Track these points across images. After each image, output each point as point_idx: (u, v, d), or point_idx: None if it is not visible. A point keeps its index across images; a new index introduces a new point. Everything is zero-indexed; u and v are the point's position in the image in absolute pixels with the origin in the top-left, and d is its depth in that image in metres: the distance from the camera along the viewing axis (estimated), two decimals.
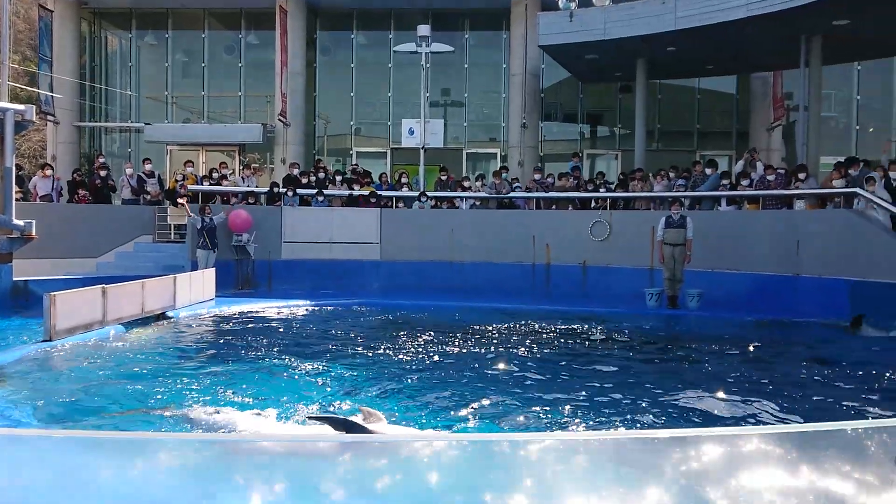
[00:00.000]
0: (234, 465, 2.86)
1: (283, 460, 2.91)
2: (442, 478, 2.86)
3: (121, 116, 25.05)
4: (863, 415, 6.91)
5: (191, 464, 2.90)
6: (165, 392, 7.53)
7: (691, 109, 23.55)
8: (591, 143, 24.41)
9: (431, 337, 11.07)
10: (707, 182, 16.56)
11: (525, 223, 17.33)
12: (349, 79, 24.44)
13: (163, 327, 11.95)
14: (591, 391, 7.74)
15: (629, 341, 11.44)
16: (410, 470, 2.89)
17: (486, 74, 24.29)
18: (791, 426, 3.13)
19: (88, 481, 2.96)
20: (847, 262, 13.52)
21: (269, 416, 6.31)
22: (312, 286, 16.64)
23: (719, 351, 10.57)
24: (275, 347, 10.22)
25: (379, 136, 24.51)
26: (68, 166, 22.35)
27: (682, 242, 14.56)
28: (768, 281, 14.76)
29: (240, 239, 16.96)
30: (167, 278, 13.13)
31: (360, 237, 17.49)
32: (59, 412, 6.79)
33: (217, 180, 18.46)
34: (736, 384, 8.16)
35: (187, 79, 25.08)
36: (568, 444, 3.32)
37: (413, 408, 7.06)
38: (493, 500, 2.70)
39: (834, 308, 13.20)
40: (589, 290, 16.48)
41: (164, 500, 2.71)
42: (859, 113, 22.64)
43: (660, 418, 6.68)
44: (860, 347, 11.03)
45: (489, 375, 8.61)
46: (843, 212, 14.09)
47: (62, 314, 9.65)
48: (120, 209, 18.82)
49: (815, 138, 17.28)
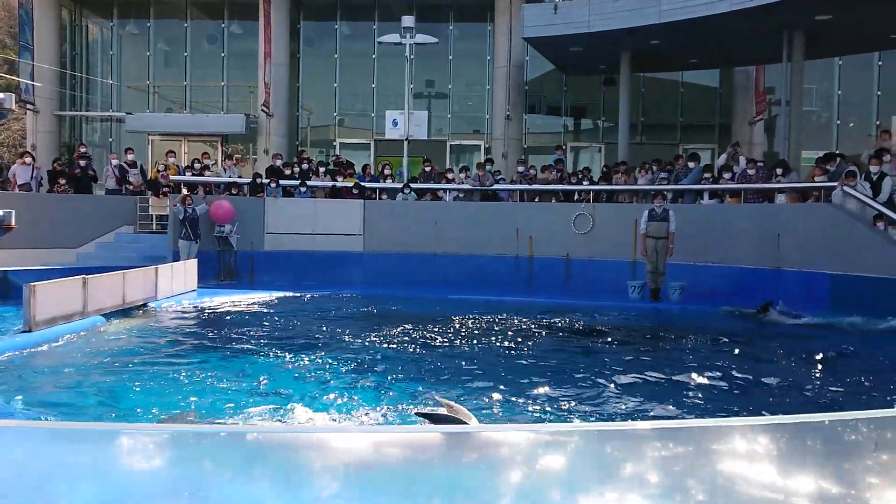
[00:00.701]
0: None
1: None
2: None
3: (102, 106, 24.81)
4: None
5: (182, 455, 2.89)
6: (150, 384, 7.50)
7: (674, 103, 23.64)
8: (574, 135, 24.45)
9: (414, 328, 11.07)
10: (689, 175, 16.64)
11: (508, 215, 17.35)
12: (333, 70, 24.33)
13: (144, 318, 11.88)
14: (570, 382, 7.77)
15: (610, 333, 11.49)
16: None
17: (471, 66, 24.27)
18: (771, 418, 3.15)
19: (67, 472, 2.94)
20: (827, 256, 13.64)
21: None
22: (295, 278, 16.59)
23: (696, 343, 10.64)
24: (261, 339, 10.19)
25: (362, 128, 24.44)
26: (48, 156, 22.14)
27: (664, 235, 14.63)
28: (750, 274, 14.87)
29: (222, 230, 16.86)
30: (149, 269, 13.06)
31: (343, 229, 17.44)
32: (38, 403, 6.74)
33: (199, 171, 18.35)
34: (707, 374, 8.23)
35: (169, 68, 24.88)
36: (546, 436, 3.33)
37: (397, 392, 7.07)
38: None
39: (814, 301, 13.31)
40: (572, 282, 16.55)
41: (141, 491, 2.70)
42: (840, 108, 22.79)
43: (638, 410, 6.73)
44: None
45: (474, 367, 8.63)
46: (824, 206, 14.21)
47: (42, 305, 9.57)
48: (101, 199, 18.66)
49: (796, 132, 17.40)
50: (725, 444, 2.97)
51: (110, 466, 2.91)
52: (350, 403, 6.85)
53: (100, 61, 24.92)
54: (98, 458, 2.83)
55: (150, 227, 18.24)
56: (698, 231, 15.32)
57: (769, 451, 2.80)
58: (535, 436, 2.94)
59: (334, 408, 6.69)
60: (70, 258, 16.94)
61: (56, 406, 6.71)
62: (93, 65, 24.87)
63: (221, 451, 2.80)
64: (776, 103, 21.16)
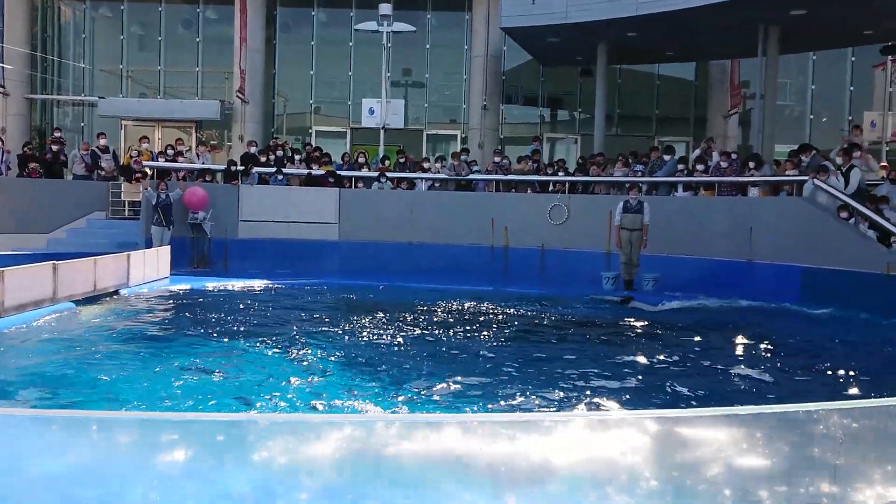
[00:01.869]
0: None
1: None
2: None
3: (74, 90, 24.46)
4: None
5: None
6: (124, 371, 7.44)
7: (650, 95, 23.75)
8: (551, 126, 24.49)
9: (388, 317, 11.06)
10: (664, 168, 16.73)
11: (484, 205, 17.35)
12: (309, 57, 24.16)
13: (116, 305, 11.77)
14: (540, 371, 7.81)
15: (583, 324, 11.55)
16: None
17: (448, 55, 24.21)
18: (743, 408, 3.20)
19: (41, 458, 2.91)
20: (799, 249, 13.79)
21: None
22: (270, 265, 16.50)
23: (662, 334, 10.74)
24: (232, 327, 10.13)
25: (338, 116, 24.30)
26: (18, 139, 21.81)
27: (639, 227, 14.71)
28: (722, 266, 15.00)
29: (196, 217, 16.71)
30: (121, 255, 12.93)
31: (318, 217, 17.36)
32: (6, 390, 6.66)
33: (173, 157, 18.16)
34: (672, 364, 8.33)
35: (143, 52, 24.56)
36: (522, 425, 3.34)
37: (378, 384, 7.07)
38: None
39: (785, 293, 13.46)
40: (547, 273, 16.61)
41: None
42: (814, 102, 23.03)
43: (609, 397, 6.78)
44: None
45: (447, 356, 8.64)
46: (796, 199, 14.35)
47: (11, 291, 9.45)
48: (72, 184, 18.42)
49: (770, 126, 17.55)
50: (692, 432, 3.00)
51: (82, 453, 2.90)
52: (315, 390, 6.85)
53: (72, 44, 24.54)
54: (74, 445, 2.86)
55: (122, 213, 18.05)
56: (672, 223, 15.41)
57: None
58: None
59: (296, 395, 6.70)
60: (40, 244, 16.72)
61: (21, 391, 6.63)
62: (65, 47, 24.49)
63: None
64: (751, 97, 21.31)
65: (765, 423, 3.01)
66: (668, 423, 3.05)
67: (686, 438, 2.97)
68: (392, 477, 2.79)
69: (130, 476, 2.73)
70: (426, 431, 3.05)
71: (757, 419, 3.02)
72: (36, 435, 2.92)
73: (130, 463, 2.83)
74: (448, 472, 2.83)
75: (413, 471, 2.85)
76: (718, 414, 3.11)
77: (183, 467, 2.79)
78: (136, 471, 2.76)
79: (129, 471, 2.77)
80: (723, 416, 3.10)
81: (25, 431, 2.95)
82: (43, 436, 2.92)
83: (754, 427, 3.00)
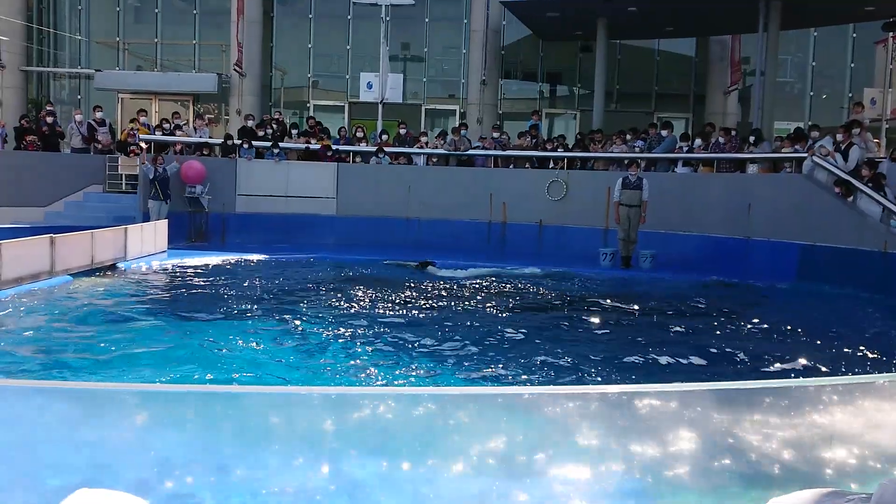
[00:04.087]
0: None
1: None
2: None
3: (70, 62, 24.27)
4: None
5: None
6: (123, 343, 7.45)
7: (650, 71, 23.61)
8: (550, 102, 24.37)
9: (387, 292, 11.07)
10: (662, 144, 16.69)
11: (482, 181, 17.32)
12: (307, 30, 23.96)
13: (114, 278, 11.76)
14: (532, 348, 7.84)
15: (577, 300, 11.56)
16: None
17: (447, 30, 24.02)
18: (722, 383, 3.23)
19: (47, 430, 2.93)
20: (797, 227, 13.79)
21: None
22: (267, 240, 16.49)
23: (659, 309, 10.76)
24: (228, 301, 10.13)
25: (337, 90, 24.16)
26: (15, 112, 21.68)
27: (637, 204, 14.69)
28: (720, 243, 15.01)
29: (193, 191, 16.67)
30: (118, 229, 12.90)
31: (316, 192, 17.33)
32: (5, 362, 6.68)
33: (170, 131, 18.08)
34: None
35: (140, 24, 24.35)
36: (512, 398, 3.36)
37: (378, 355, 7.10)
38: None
39: (783, 271, 13.49)
40: (544, 248, 16.61)
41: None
42: (814, 79, 22.93)
43: (599, 372, 6.81)
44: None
45: (445, 329, 8.66)
46: (795, 176, 14.33)
47: (8, 263, 9.44)
48: (69, 157, 18.34)
49: (770, 103, 17.48)
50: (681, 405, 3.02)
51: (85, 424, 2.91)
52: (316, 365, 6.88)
53: (68, 16, 24.30)
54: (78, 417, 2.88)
55: (119, 186, 17.99)
56: (671, 200, 15.39)
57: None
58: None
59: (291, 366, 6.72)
60: (38, 217, 16.67)
61: (21, 363, 6.65)
62: (61, 19, 24.26)
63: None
64: (751, 73, 21.21)
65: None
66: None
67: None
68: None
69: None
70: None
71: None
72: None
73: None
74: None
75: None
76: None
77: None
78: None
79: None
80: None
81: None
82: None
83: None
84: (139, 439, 2.92)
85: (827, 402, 3.12)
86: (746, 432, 2.98)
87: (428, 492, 2.69)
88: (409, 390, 5.02)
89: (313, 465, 2.79)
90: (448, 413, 3.05)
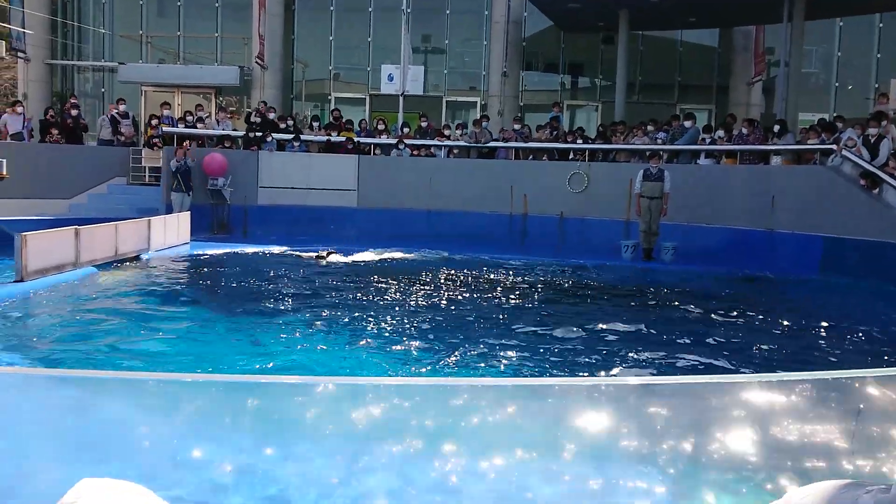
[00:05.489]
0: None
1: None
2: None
3: (94, 55, 24.46)
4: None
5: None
6: (148, 335, 7.53)
7: (672, 62, 23.42)
8: (571, 93, 24.25)
9: (409, 284, 11.10)
10: (685, 136, 16.56)
11: (503, 173, 17.28)
12: (328, 22, 23.99)
13: (137, 270, 11.87)
14: (553, 340, 7.83)
15: (599, 292, 11.52)
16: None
17: (468, 21, 23.94)
18: (748, 376, 3.20)
19: (66, 416, 2.96)
20: (821, 219, 13.65)
21: None
22: (288, 232, 16.56)
23: (682, 304, 10.69)
24: (251, 292, 10.20)
25: (358, 82, 24.18)
26: (40, 105, 21.89)
27: (658, 196, 14.60)
28: (743, 235, 14.89)
29: (215, 183, 16.78)
30: (141, 221, 13.02)
31: (337, 184, 17.37)
32: (30, 351, 6.76)
33: (193, 123, 18.19)
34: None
35: (162, 18, 24.48)
36: (535, 388, 3.36)
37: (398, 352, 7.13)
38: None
39: (806, 263, 13.37)
40: (565, 241, 16.56)
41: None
42: (839, 69, 22.64)
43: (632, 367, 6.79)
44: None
45: (465, 322, 8.67)
46: (819, 168, 14.18)
47: (34, 255, 9.55)
48: (93, 150, 18.51)
49: (794, 94, 17.30)
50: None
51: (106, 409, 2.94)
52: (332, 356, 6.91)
53: (92, 9, 24.47)
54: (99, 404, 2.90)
55: (142, 178, 18.15)
56: (693, 192, 15.29)
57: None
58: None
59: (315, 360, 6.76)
60: (62, 209, 16.86)
61: (47, 353, 6.72)
62: (85, 13, 24.44)
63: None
64: (775, 64, 20.99)
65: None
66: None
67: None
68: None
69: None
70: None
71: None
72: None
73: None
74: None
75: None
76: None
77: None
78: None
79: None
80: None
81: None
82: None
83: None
84: (151, 429, 2.95)
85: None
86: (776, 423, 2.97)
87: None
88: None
89: (332, 455, 2.81)
90: (473, 402, 3.06)
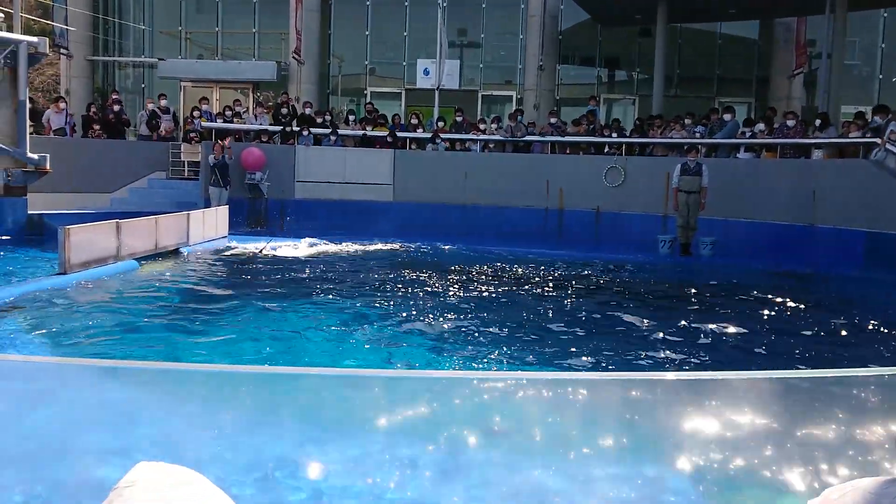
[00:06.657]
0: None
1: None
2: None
3: (134, 51, 24.83)
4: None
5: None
6: (193, 326, 7.64)
7: (711, 55, 23.13)
8: (608, 87, 24.08)
9: (446, 278, 11.11)
10: (724, 129, 16.35)
11: (539, 167, 17.21)
12: (364, 17, 24.06)
13: (177, 263, 12.03)
14: (590, 337, 7.79)
15: (636, 288, 11.44)
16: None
17: (504, 15, 23.86)
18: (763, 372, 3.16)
19: (102, 407, 3.02)
20: (864, 213, 13.41)
21: None
22: (325, 226, 16.65)
23: (723, 300, 10.57)
24: (291, 285, 10.29)
25: (393, 77, 24.24)
26: (82, 101, 22.26)
27: (696, 190, 14.45)
28: (783, 230, 14.68)
29: (253, 177, 16.94)
30: (181, 215, 13.18)
31: (373, 178, 17.45)
32: (73, 342, 6.89)
33: (230, 118, 18.38)
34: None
35: (201, 14, 24.75)
36: (567, 382, 3.35)
37: (434, 341, 7.15)
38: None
39: (849, 259, 13.15)
40: (602, 235, 16.46)
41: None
42: (883, 61, 22.19)
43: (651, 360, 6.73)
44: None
45: (503, 317, 8.66)
46: (862, 162, 13.92)
47: (77, 248, 9.72)
48: (134, 145, 18.80)
49: (836, 86, 17.00)
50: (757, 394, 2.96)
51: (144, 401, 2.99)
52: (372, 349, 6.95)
53: (132, 6, 24.83)
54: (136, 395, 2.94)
55: (182, 173, 18.38)
56: (731, 186, 15.10)
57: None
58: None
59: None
60: (104, 203, 17.16)
61: (89, 344, 6.84)
62: (125, 10, 24.81)
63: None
64: (817, 56, 20.64)
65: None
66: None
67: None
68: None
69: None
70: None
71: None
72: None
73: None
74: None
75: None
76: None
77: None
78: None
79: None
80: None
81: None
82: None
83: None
84: (201, 418, 2.99)
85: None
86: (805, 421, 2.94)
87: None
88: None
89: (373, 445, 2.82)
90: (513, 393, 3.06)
